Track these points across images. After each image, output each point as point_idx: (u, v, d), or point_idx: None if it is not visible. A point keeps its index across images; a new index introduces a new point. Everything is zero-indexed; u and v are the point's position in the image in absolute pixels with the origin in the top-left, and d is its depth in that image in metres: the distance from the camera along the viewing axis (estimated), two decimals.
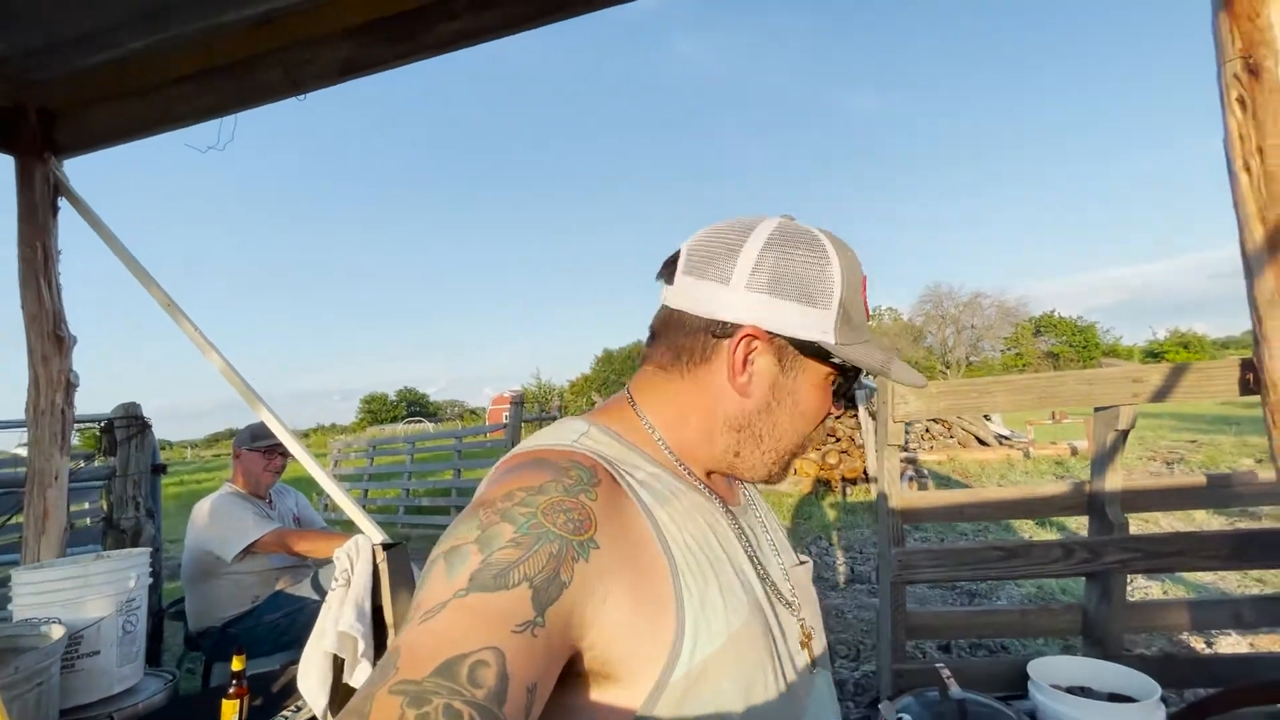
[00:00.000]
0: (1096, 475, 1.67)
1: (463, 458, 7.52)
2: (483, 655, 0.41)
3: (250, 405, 1.98)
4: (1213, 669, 1.74)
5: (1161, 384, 1.54)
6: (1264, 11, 1.44)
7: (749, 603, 0.58)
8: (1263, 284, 1.44)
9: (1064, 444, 10.33)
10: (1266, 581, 3.57)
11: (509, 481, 0.54)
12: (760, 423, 0.63)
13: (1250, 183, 1.45)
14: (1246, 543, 1.63)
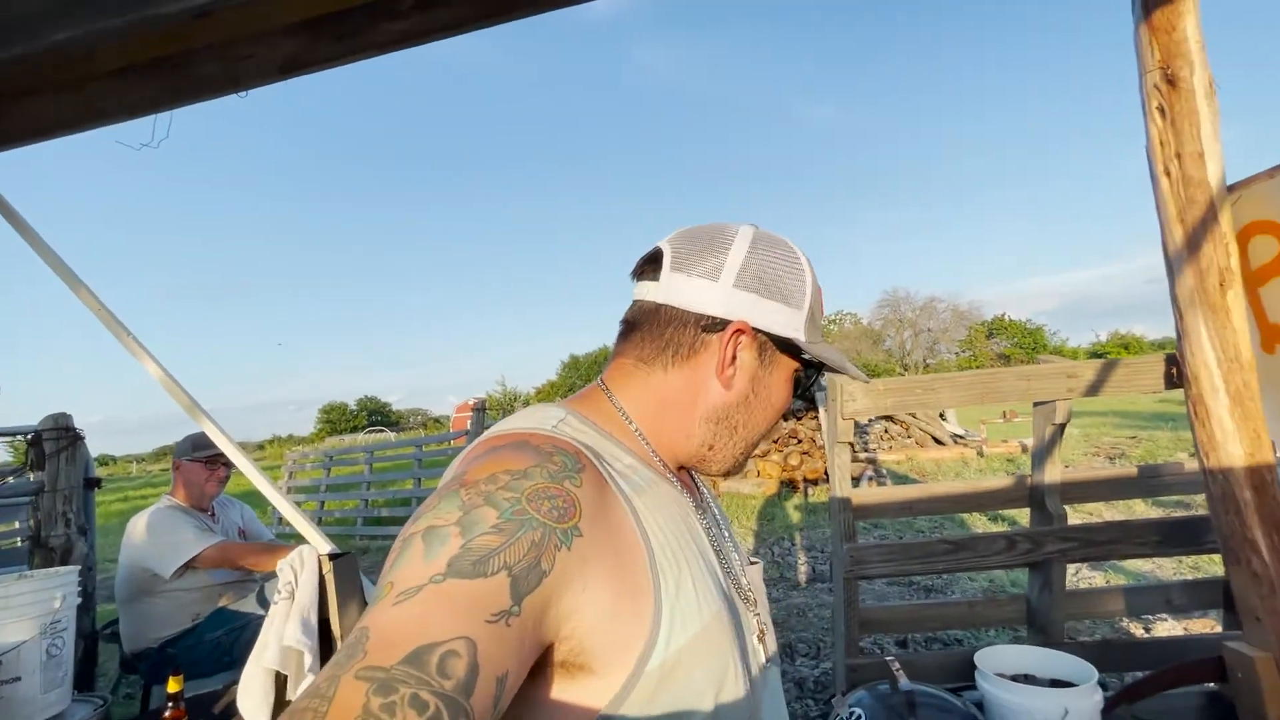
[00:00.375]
0: (1037, 468, 1.73)
1: (423, 466, 7.36)
2: (454, 645, 0.40)
3: (191, 415, 1.90)
4: (1148, 652, 1.82)
5: (1094, 379, 1.61)
6: (1180, 25, 1.52)
7: (718, 595, 0.59)
8: (1183, 282, 1.52)
9: (1015, 442, 10.69)
10: (1201, 568, 3.76)
11: (492, 462, 0.53)
12: (738, 415, 0.66)
13: (1170, 186, 1.53)
14: (1173, 529, 1.71)
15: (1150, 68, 1.57)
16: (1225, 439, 1.43)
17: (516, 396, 40.07)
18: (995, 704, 1.47)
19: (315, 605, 1.60)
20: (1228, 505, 1.43)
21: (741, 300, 0.63)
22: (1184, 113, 1.51)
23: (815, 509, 6.87)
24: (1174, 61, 1.53)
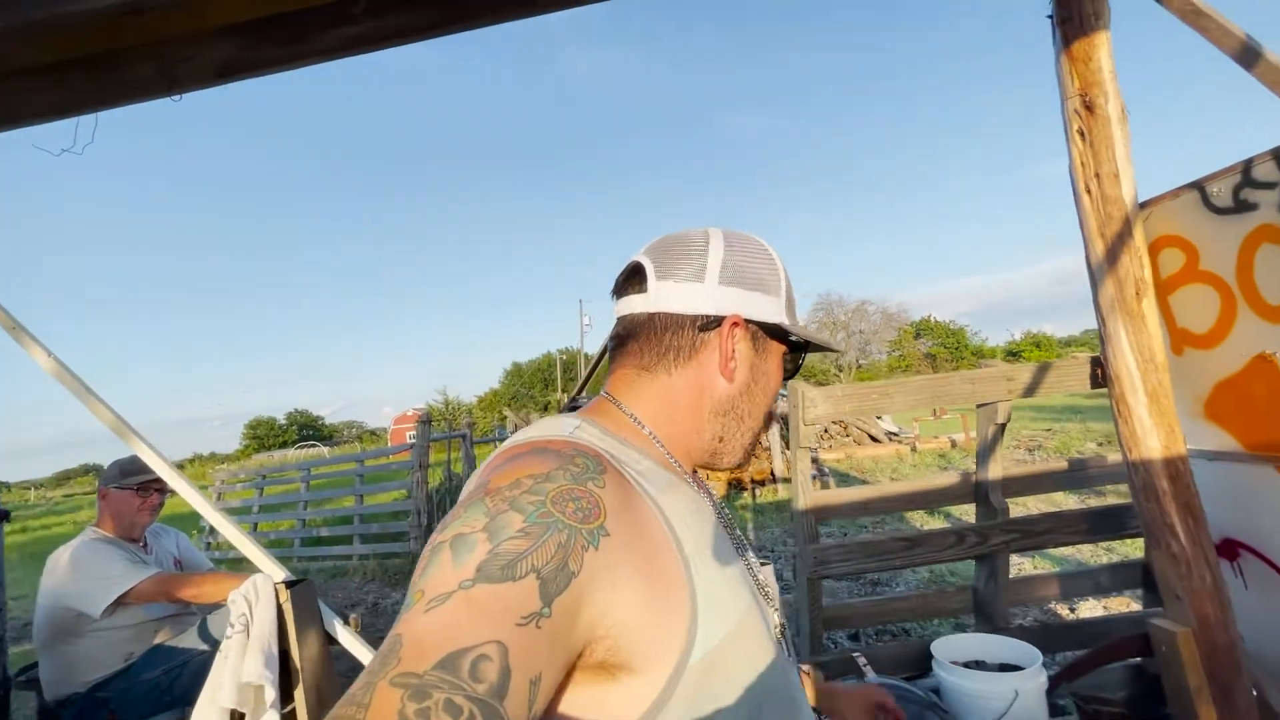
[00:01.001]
0: (981, 466, 1.85)
1: (365, 482, 7.09)
2: (486, 649, 0.40)
3: (121, 437, 1.78)
4: (1079, 632, 1.96)
5: (1030, 381, 1.73)
6: (1095, 56, 1.67)
7: (748, 590, 0.61)
8: (1105, 291, 1.66)
9: (945, 438, 11.29)
10: (1114, 550, 4.08)
11: (514, 469, 0.53)
12: (743, 404, 0.70)
13: (1091, 203, 1.67)
14: (1100, 518, 1.86)
15: (1071, 94, 1.70)
16: (1145, 434, 1.56)
17: (459, 406, 39.06)
18: (953, 690, 1.56)
19: (275, 636, 1.53)
20: (1148, 494, 1.57)
21: (728, 295, 0.67)
22: (1101, 136, 1.65)
23: (764, 509, 7.03)
24: (1091, 89, 1.67)
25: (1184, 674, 1.52)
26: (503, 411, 18.76)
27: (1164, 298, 1.66)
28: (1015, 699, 1.48)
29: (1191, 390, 1.65)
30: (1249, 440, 1.54)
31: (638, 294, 0.68)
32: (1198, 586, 1.52)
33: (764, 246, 0.71)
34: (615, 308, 0.72)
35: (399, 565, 6.17)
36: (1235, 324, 1.50)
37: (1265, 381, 1.46)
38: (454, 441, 8.30)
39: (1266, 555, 1.54)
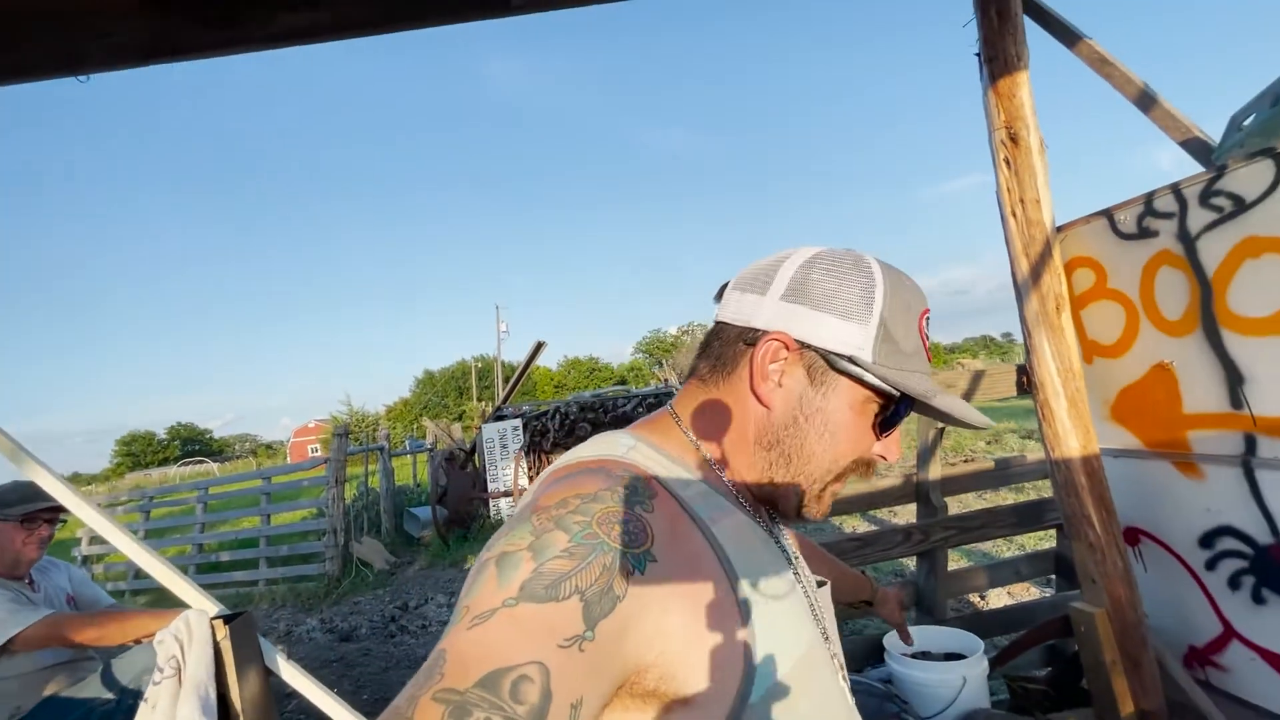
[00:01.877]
0: (921, 467, 1.97)
1: (273, 501, 6.57)
2: (527, 670, 0.40)
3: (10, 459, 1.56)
4: (1005, 618, 2.14)
5: (967, 387, 1.87)
6: (1018, 93, 1.84)
7: (809, 625, 0.59)
8: (1029, 305, 1.82)
9: None
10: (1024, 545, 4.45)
11: (563, 489, 0.52)
12: (787, 440, 0.60)
13: (1016, 226, 1.83)
14: (1025, 512, 2.04)
15: (997, 126, 1.87)
16: (1065, 435, 1.73)
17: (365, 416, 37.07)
18: (906, 681, 1.65)
19: (212, 679, 1.39)
20: (1069, 489, 1.73)
21: (784, 311, 0.59)
22: (1024, 165, 1.82)
23: None
24: (1015, 123, 1.83)
25: (1100, 650, 1.69)
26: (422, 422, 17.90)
27: (1077, 312, 1.85)
28: (964, 685, 1.58)
29: (1100, 395, 1.84)
30: (1149, 439, 1.74)
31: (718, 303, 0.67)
32: (1110, 571, 1.70)
33: (867, 270, 0.60)
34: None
35: (313, 588, 5.75)
36: (1138, 336, 1.69)
37: (1163, 387, 1.66)
38: (371, 454, 7.87)
39: (1164, 541, 1.74)
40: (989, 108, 1.90)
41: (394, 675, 3.62)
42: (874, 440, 0.62)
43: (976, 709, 1.56)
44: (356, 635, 4.59)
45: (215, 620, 1.46)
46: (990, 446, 9.89)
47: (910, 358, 0.60)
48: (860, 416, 0.61)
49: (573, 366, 49.25)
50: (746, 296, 0.63)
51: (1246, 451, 1.46)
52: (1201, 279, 1.49)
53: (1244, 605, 1.56)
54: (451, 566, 6.31)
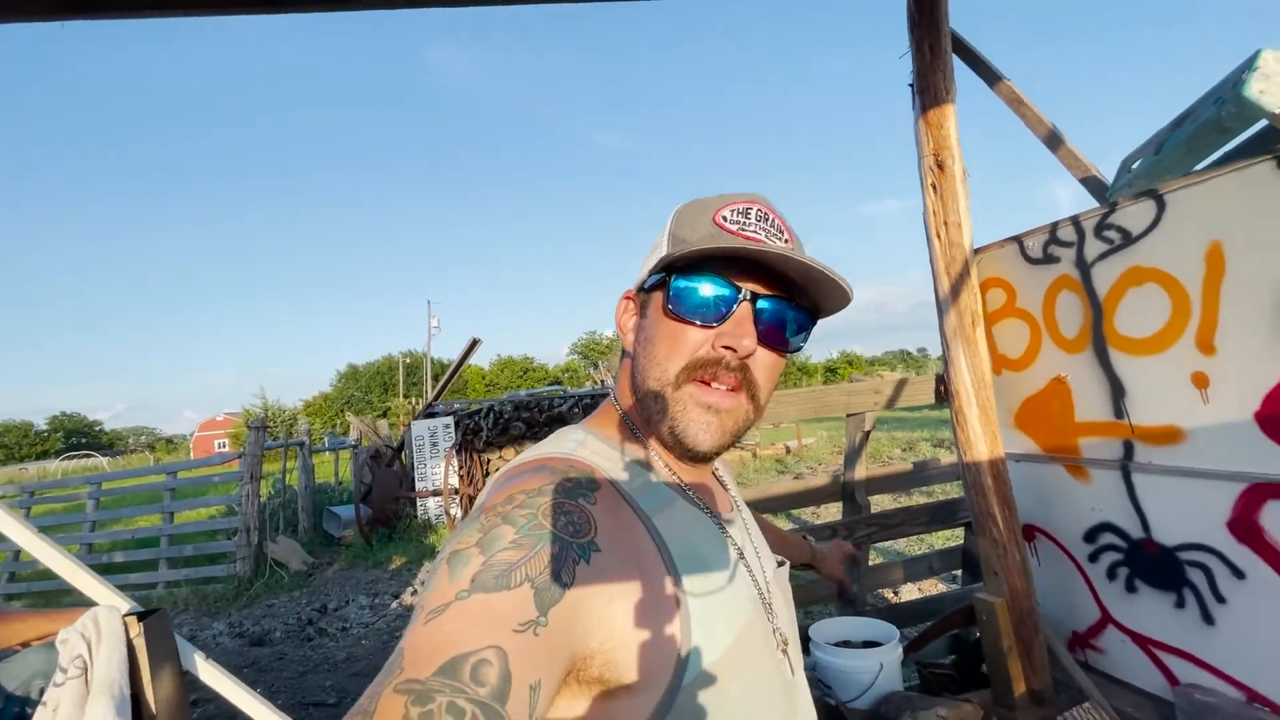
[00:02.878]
0: (848, 468, 2.10)
1: (178, 498, 6.11)
2: (485, 654, 0.41)
3: None
4: (917, 610, 2.30)
5: (891, 394, 2.01)
6: (945, 123, 1.99)
7: (746, 610, 0.61)
8: (949, 320, 1.98)
9: (781, 445, 12.36)
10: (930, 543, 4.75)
11: (509, 488, 0.54)
12: (639, 373, 0.66)
13: (940, 247, 1.99)
14: (938, 511, 2.20)
15: (926, 153, 2.02)
16: (976, 440, 1.88)
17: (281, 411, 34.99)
18: (828, 668, 1.75)
19: (126, 680, 1.30)
20: (977, 489, 1.89)
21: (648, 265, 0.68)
22: (949, 191, 1.98)
23: None
24: (942, 151, 1.99)
25: (999, 637, 1.85)
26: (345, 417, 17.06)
27: (989, 328, 2.02)
28: (880, 671, 1.70)
29: (1006, 404, 2.02)
30: (1046, 445, 1.92)
31: None
32: (1010, 564, 1.86)
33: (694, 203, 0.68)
34: None
35: (220, 591, 5.40)
36: (1040, 352, 1.87)
37: (1059, 398, 1.84)
38: (290, 450, 7.45)
39: (1055, 537, 1.93)
40: (919, 136, 2.05)
41: (312, 679, 3.47)
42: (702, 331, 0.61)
43: (891, 692, 1.68)
44: (270, 639, 4.36)
45: (128, 617, 1.38)
46: (905, 454, 10.49)
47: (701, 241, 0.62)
48: (662, 316, 0.64)
49: (506, 366, 48.39)
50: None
51: (1125, 457, 1.65)
52: (1094, 302, 1.67)
53: (1119, 594, 1.75)
54: (375, 567, 6.08)
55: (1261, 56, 1.28)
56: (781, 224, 0.66)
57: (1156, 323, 1.52)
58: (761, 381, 0.64)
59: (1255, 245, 1.29)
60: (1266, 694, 1.41)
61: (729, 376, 0.61)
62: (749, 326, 0.61)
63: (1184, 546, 1.55)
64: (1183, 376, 1.47)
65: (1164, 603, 1.62)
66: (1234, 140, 1.40)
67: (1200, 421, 1.46)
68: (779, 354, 0.65)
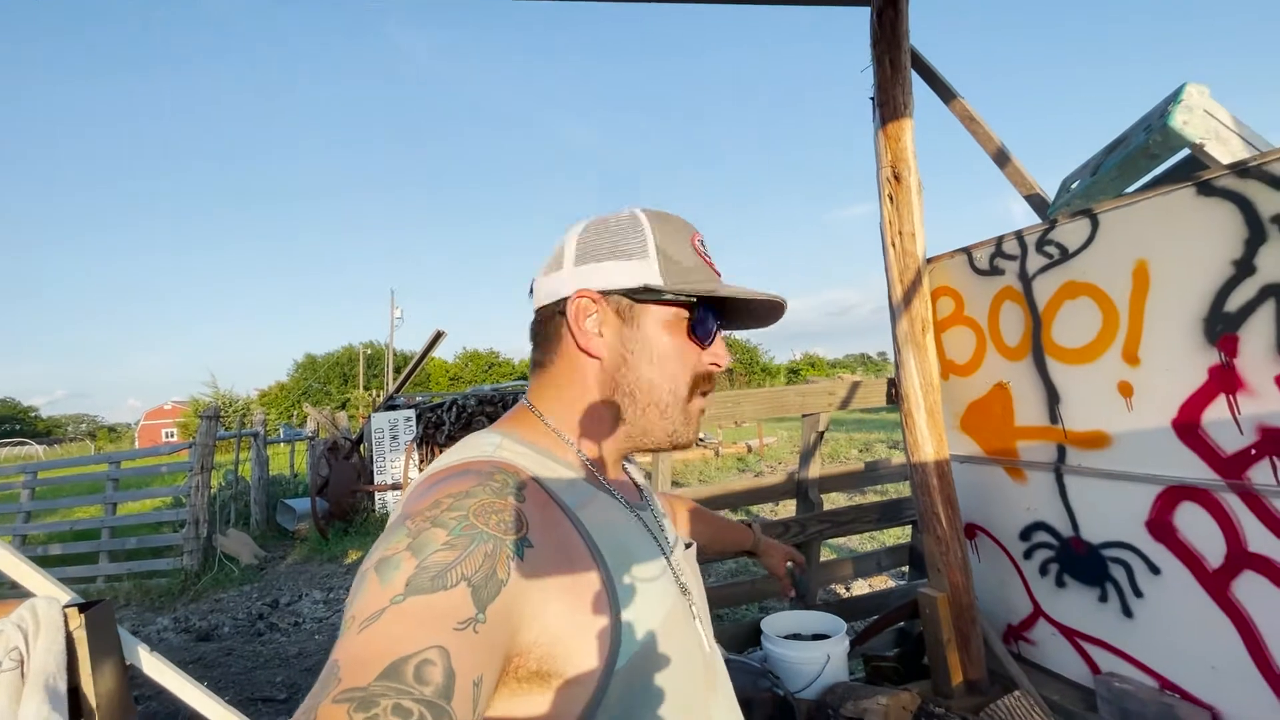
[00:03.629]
0: (803, 466, 2.16)
1: (121, 488, 5.87)
2: (427, 654, 0.41)
3: None
4: (865, 604, 2.38)
5: (845, 395, 2.08)
6: (903, 136, 2.07)
7: (669, 593, 0.64)
8: (901, 326, 2.06)
9: (743, 443, 12.54)
10: (879, 540, 4.91)
11: (434, 493, 0.54)
12: (625, 379, 0.67)
13: (895, 256, 2.06)
14: (887, 509, 2.29)
15: (884, 165, 2.09)
16: (923, 442, 1.97)
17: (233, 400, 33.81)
18: (778, 659, 1.81)
19: (64, 672, 1.27)
20: (923, 489, 1.98)
21: (579, 274, 0.67)
22: (904, 202, 2.06)
23: None
24: (899, 163, 2.06)
25: (939, 630, 1.94)
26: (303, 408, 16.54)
27: (939, 335, 2.11)
28: (828, 662, 1.77)
29: (952, 408, 2.11)
30: (988, 447, 2.02)
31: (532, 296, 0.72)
32: (952, 561, 1.96)
33: (632, 218, 0.69)
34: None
35: (165, 585, 5.22)
36: (985, 359, 1.96)
37: (1000, 403, 1.94)
38: (244, 441, 7.23)
39: (993, 535, 2.03)
40: (878, 148, 2.12)
41: (261, 675, 3.40)
42: (700, 352, 0.70)
43: (838, 682, 1.75)
44: (218, 634, 4.24)
45: (69, 609, 1.34)
46: (862, 454, 10.77)
47: (693, 271, 0.69)
48: (676, 335, 0.69)
49: (470, 359, 47.73)
50: (548, 277, 0.70)
51: (1058, 459, 1.75)
52: (1034, 313, 1.76)
53: (1049, 589, 1.86)
54: (330, 561, 5.96)
55: (1186, 90, 1.37)
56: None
57: (1088, 334, 1.62)
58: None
59: (1176, 265, 1.39)
60: (1177, 682, 1.53)
61: (711, 384, 0.73)
62: (723, 345, 0.73)
63: (1108, 544, 1.65)
64: (1110, 385, 1.57)
65: (1089, 597, 1.73)
66: (1161, 165, 1.50)
67: (1125, 427, 1.56)
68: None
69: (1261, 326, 1.25)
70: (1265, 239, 1.23)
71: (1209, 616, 1.43)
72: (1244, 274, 1.27)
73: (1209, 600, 1.43)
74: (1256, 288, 1.25)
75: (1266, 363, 1.25)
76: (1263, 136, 1.35)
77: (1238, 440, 1.32)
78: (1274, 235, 1.21)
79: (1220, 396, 1.34)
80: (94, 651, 1.35)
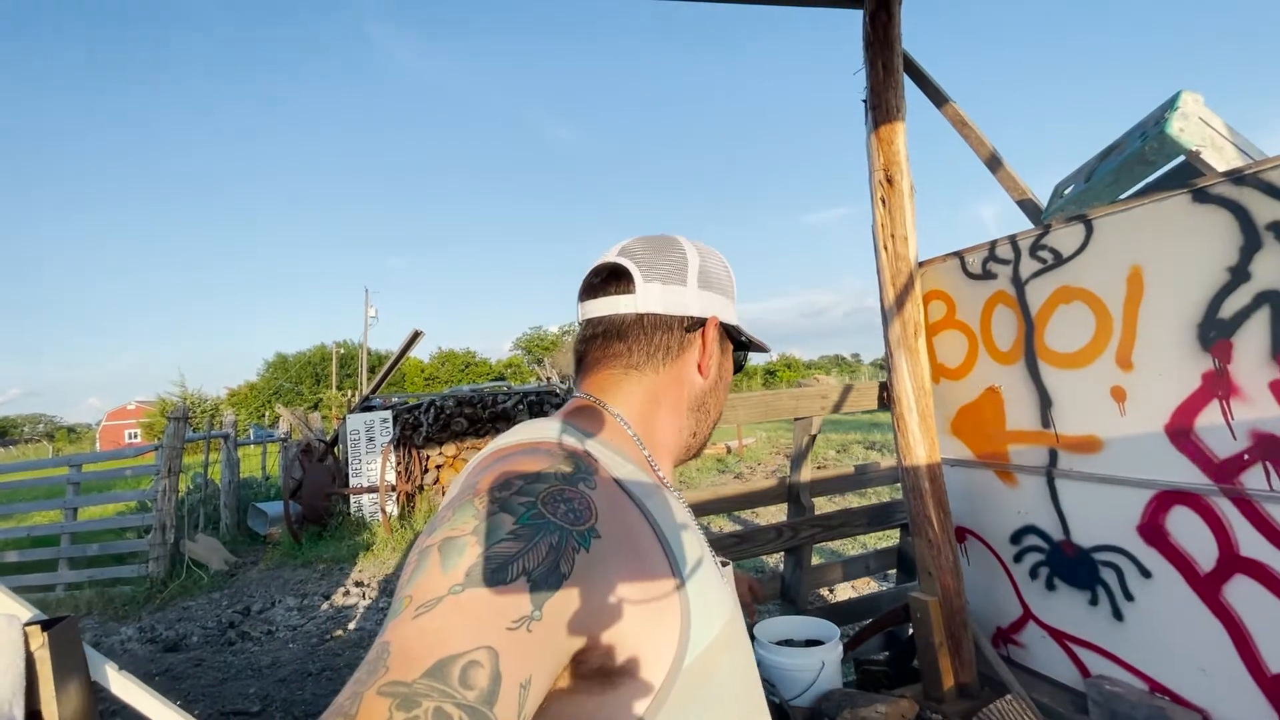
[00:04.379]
0: (794, 471, 2.15)
1: (82, 492, 5.65)
2: (476, 655, 0.40)
3: None
4: (855, 609, 2.38)
5: (837, 400, 2.07)
6: (896, 140, 2.07)
7: (730, 599, 0.63)
8: (893, 329, 2.05)
9: (722, 445, 12.57)
10: (870, 543, 4.93)
11: (503, 468, 0.53)
12: (710, 399, 0.75)
13: (887, 258, 2.06)
14: (876, 513, 2.29)
15: (877, 168, 2.08)
16: (915, 445, 1.97)
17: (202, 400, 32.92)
18: (771, 666, 1.79)
19: (21, 697, 1.19)
20: (915, 493, 1.98)
21: (706, 298, 0.73)
22: (897, 205, 2.05)
23: None
24: (891, 167, 2.06)
25: (931, 633, 1.94)
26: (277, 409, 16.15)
27: (930, 338, 2.12)
28: (822, 669, 1.75)
29: (943, 412, 2.12)
30: (979, 451, 2.03)
31: (622, 295, 0.70)
32: (944, 565, 1.96)
33: (721, 256, 0.79)
34: (586, 308, 0.72)
35: (128, 593, 5.03)
36: (976, 362, 1.97)
37: (992, 407, 1.94)
38: (213, 442, 7.00)
39: (984, 538, 2.04)
40: (870, 151, 2.12)
41: (233, 687, 3.28)
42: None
43: (833, 689, 1.73)
44: (186, 644, 4.09)
45: (29, 627, 1.26)
46: (839, 455, 10.87)
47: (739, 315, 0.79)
48: (730, 366, 0.79)
49: (447, 359, 47.16)
50: (670, 288, 0.71)
51: (1050, 463, 1.76)
52: (1027, 317, 1.77)
53: (1039, 592, 1.87)
54: (303, 566, 5.81)
55: (1182, 98, 1.39)
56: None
57: (1082, 339, 1.62)
58: None
59: (1171, 270, 1.40)
60: (1167, 684, 1.54)
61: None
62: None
63: (1099, 548, 1.67)
64: (1103, 390, 1.58)
65: (1079, 600, 1.74)
66: (1156, 172, 1.51)
67: (1118, 432, 1.57)
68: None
69: (1256, 333, 1.27)
70: (1260, 246, 1.24)
71: (1200, 620, 1.44)
72: (1239, 280, 1.28)
73: (1200, 604, 1.44)
74: (1251, 294, 1.27)
75: (1261, 369, 1.26)
76: (1256, 145, 1.36)
77: (1231, 445, 1.34)
78: (1270, 242, 1.22)
79: (1214, 402, 1.36)
80: (58, 672, 1.27)
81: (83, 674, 1.36)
